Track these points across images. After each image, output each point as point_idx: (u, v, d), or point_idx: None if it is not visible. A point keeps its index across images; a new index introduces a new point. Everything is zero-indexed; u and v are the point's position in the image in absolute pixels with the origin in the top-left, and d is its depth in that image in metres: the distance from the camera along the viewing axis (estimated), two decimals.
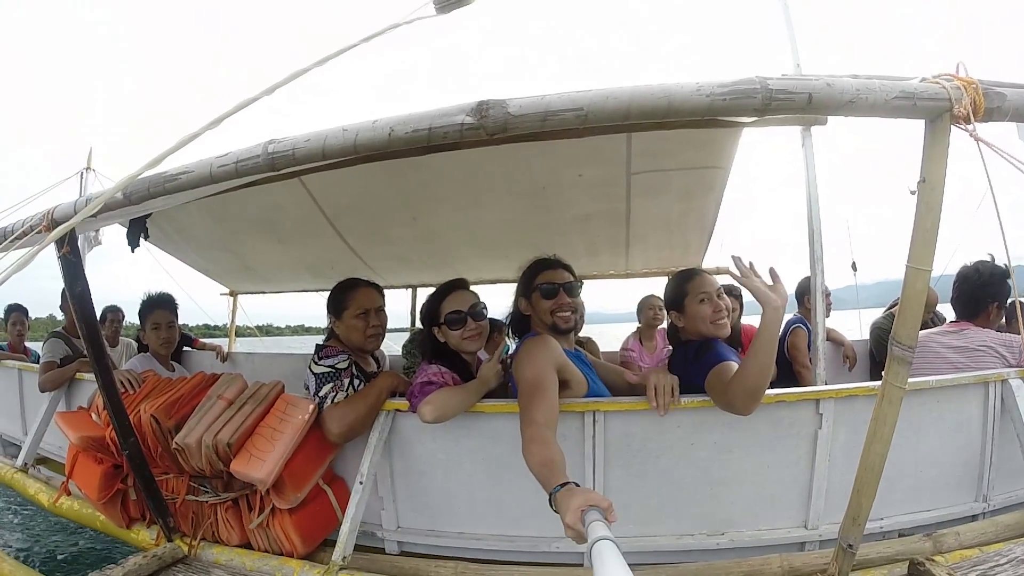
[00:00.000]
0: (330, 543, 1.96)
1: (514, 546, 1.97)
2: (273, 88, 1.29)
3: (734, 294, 3.41)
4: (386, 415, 2.04)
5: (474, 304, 2.08)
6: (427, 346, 2.15)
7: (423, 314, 2.20)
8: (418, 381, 1.95)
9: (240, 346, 5.57)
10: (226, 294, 5.59)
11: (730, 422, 1.84)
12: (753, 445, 1.88)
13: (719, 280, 2.03)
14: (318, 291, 5.00)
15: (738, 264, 1.63)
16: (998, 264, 2.48)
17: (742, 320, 3.71)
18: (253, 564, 1.93)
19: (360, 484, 1.95)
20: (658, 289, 4.45)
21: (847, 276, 4.57)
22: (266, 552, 2.00)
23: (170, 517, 2.12)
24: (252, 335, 6.37)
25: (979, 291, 2.46)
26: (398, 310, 5.30)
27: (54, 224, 1.72)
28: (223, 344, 5.20)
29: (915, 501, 1.95)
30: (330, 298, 2.32)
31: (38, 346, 4.10)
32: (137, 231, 3.30)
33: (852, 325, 4.67)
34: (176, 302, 3.27)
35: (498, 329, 2.94)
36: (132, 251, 3.43)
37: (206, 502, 2.07)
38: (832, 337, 3.94)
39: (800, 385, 3.08)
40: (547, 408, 1.60)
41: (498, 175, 3.17)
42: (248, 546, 2.05)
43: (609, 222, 3.83)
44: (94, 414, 2.34)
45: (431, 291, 2.20)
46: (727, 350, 1.89)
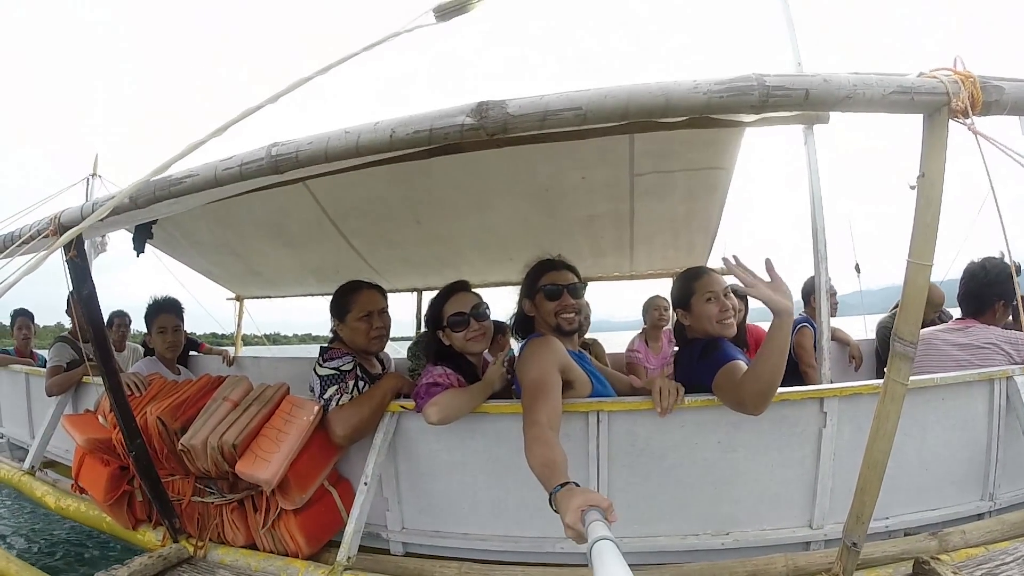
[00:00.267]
0: (335, 544, 1.96)
1: (518, 547, 1.97)
2: (277, 96, 1.31)
3: (739, 295, 3.40)
4: (391, 416, 2.05)
5: (476, 305, 2.09)
6: (432, 349, 2.16)
7: (427, 318, 2.20)
8: (423, 383, 1.96)
9: (247, 353, 5.59)
10: (232, 299, 5.62)
11: (734, 421, 1.83)
12: (757, 444, 1.87)
13: (725, 280, 2.03)
14: (323, 295, 5.01)
15: (737, 271, 1.58)
16: (1005, 261, 2.46)
17: (747, 321, 3.69)
18: (258, 564, 1.94)
19: (365, 485, 1.96)
20: (664, 291, 4.46)
21: (853, 282, 4.55)
22: (271, 553, 2.01)
23: (176, 518, 2.13)
24: (260, 343, 6.39)
25: (985, 289, 2.45)
26: (403, 318, 5.31)
27: (62, 229, 1.74)
28: (230, 350, 5.22)
29: (920, 500, 1.94)
30: (333, 301, 2.32)
31: (45, 353, 4.15)
32: (143, 236, 3.33)
33: (858, 329, 4.63)
34: (182, 306, 3.29)
35: (502, 332, 2.94)
36: (138, 256, 3.46)
37: (212, 503, 2.09)
38: (838, 337, 3.92)
39: (806, 384, 3.07)
40: (550, 409, 1.60)
41: (502, 178, 3.19)
42: (253, 547, 2.06)
43: (613, 223, 3.84)
44: (101, 417, 2.35)
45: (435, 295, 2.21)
46: (734, 349, 1.88)
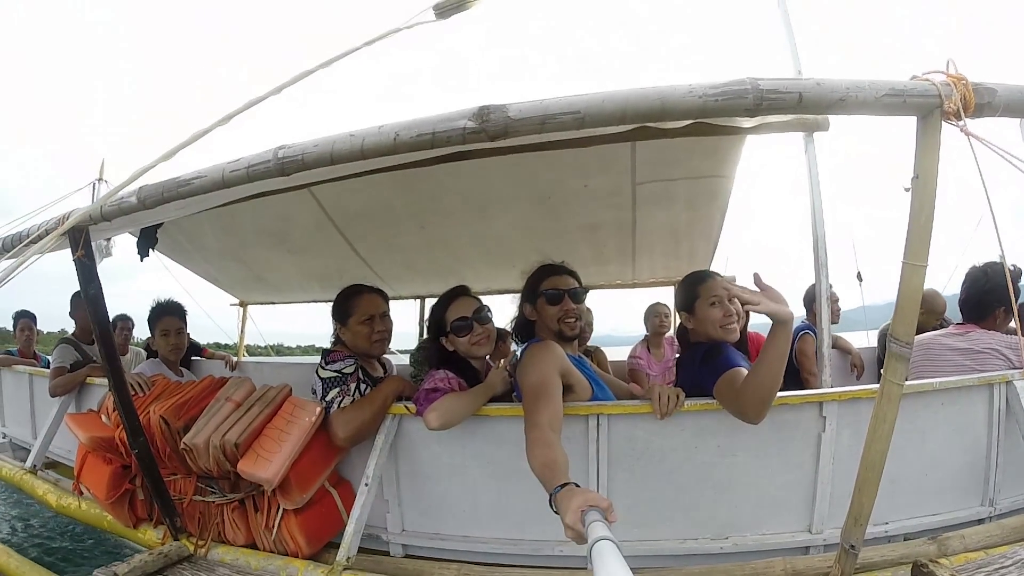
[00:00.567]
0: (335, 545, 1.97)
1: (518, 550, 1.98)
2: (280, 88, 1.34)
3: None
4: (392, 419, 2.07)
5: (478, 309, 2.10)
6: (434, 355, 2.17)
7: (430, 326, 2.21)
8: (424, 387, 1.97)
9: (250, 361, 5.60)
10: (236, 304, 5.65)
11: (733, 425, 1.83)
12: (757, 448, 1.88)
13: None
14: (326, 301, 5.03)
15: (736, 292, 1.59)
16: (1009, 268, 2.46)
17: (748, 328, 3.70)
18: (258, 564, 1.95)
19: (366, 486, 1.97)
20: (666, 299, 4.48)
21: (855, 297, 4.54)
22: (271, 552, 2.02)
23: (177, 517, 2.14)
24: (264, 353, 6.41)
25: (986, 295, 2.44)
26: (405, 329, 5.31)
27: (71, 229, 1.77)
28: (232, 357, 5.24)
29: (920, 505, 1.94)
30: (335, 305, 2.34)
31: (48, 355, 4.17)
32: (147, 241, 3.37)
33: (860, 341, 4.63)
34: (185, 309, 3.32)
35: (503, 339, 2.95)
36: (141, 260, 3.50)
37: (213, 502, 2.10)
38: (840, 345, 3.92)
39: None
40: (551, 411, 1.61)
41: (505, 185, 3.22)
42: (253, 546, 2.07)
43: (615, 231, 3.87)
44: (104, 416, 2.38)
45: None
46: (737, 355, 1.89)
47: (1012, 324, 2.42)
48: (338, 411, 2.02)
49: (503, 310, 2.27)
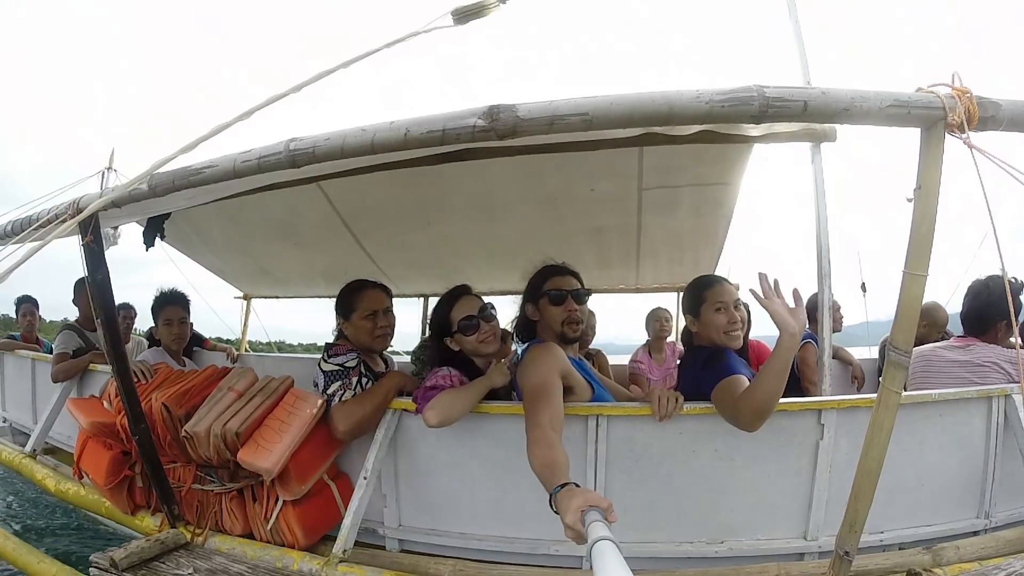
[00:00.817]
0: (331, 538, 1.98)
1: (514, 548, 1.98)
2: (300, 86, 1.36)
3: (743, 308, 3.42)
4: (393, 414, 2.07)
5: (483, 307, 2.10)
6: (436, 355, 2.15)
7: (433, 327, 2.18)
8: (425, 385, 1.97)
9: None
10: (240, 297, 5.66)
11: (732, 430, 1.83)
12: (754, 454, 1.88)
13: (737, 292, 2.05)
14: (330, 297, 5.03)
15: (763, 283, 1.63)
16: (1010, 281, 2.46)
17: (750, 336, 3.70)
18: (255, 553, 1.96)
19: (364, 480, 1.98)
20: (669, 305, 4.48)
21: (859, 312, 4.53)
22: (268, 543, 2.03)
23: (175, 504, 2.15)
24: (266, 350, 6.41)
25: (987, 309, 2.44)
26: (408, 330, 5.28)
27: (80, 213, 1.79)
28: (234, 350, 5.24)
29: (916, 515, 1.94)
30: (338, 299, 2.35)
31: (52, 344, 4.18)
32: (154, 230, 3.39)
33: (862, 355, 4.61)
34: (188, 299, 3.34)
35: (503, 339, 2.95)
36: (147, 249, 3.53)
37: (212, 491, 2.12)
38: (841, 356, 3.91)
39: None
40: (552, 412, 1.62)
41: (511, 186, 3.23)
42: (250, 536, 2.08)
43: (620, 236, 3.88)
44: (106, 402, 2.40)
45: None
46: (739, 363, 1.90)
47: (1013, 338, 2.43)
48: (339, 404, 2.03)
49: (504, 311, 2.27)
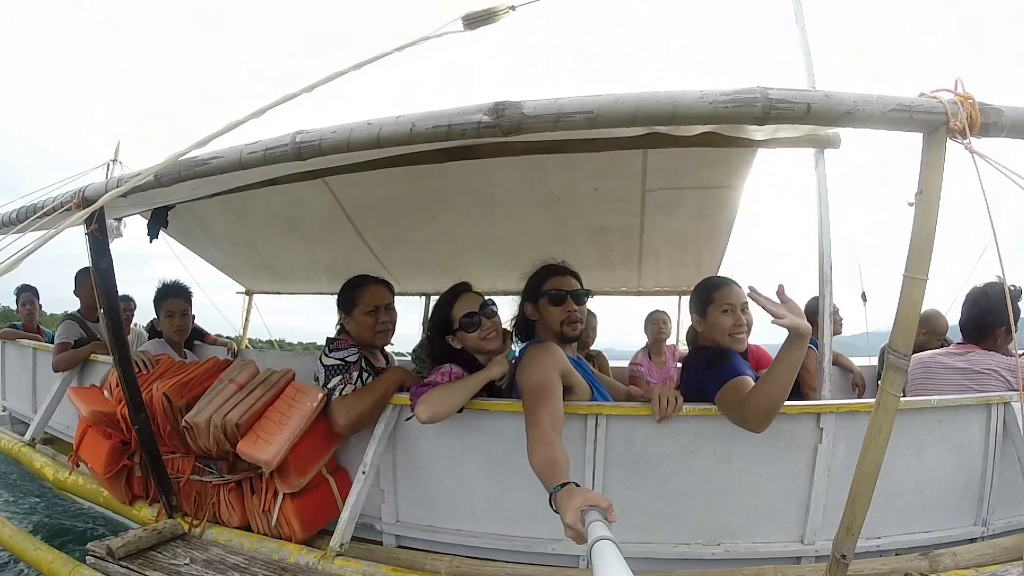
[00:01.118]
0: (328, 532, 1.98)
1: (511, 545, 1.98)
2: (313, 86, 1.38)
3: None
4: (393, 409, 2.08)
5: (484, 304, 2.09)
6: (436, 354, 2.14)
7: (434, 326, 2.16)
8: (424, 381, 1.97)
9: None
10: (242, 293, 5.66)
11: (731, 432, 1.84)
12: (753, 456, 1.88)
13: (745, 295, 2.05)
14: (332, 294, 5.01)
15: (780, 295, 1.61)
16: (1009, 288, 2.45)
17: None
18: (252, 546, 1.96)
19: (363, 474, 1.98)
20: (670, 308, 4.49)
21: (859, 322, 4.51)
22: (265, 535, 2.03)
23: (173, 495, 2.16)
24: (267, 349, 6.41)
25: (986, 316, 2.44)
26: (409, 331, 5.27)
27: (85, 202, 1.79)
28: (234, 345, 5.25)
29: (913, 522, 1.94)
30: (340, 294, 2.36)
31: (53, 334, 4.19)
32: (158, 222, 3.40)
33: (862, 364, 4.60)
34: (191, 291, 3.34)
35: (503, 338, 2.95)
36: (151, 241, 3.54)
37: (210, 483, 2.12)
38: (841, 363, 3.90)
39: None
40: (552, 411, 1.62)
41: (515, 184, 3.24)
42: (248, 528, 2.09)
43: (623, 236, 3.88)
44: (106, 391, 2.40)
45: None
46: (743, 364, 1.90)
47: (1011, 346, 2.43)
48: (339, 398, 2.03)
49: (505, 311, 2.27)
